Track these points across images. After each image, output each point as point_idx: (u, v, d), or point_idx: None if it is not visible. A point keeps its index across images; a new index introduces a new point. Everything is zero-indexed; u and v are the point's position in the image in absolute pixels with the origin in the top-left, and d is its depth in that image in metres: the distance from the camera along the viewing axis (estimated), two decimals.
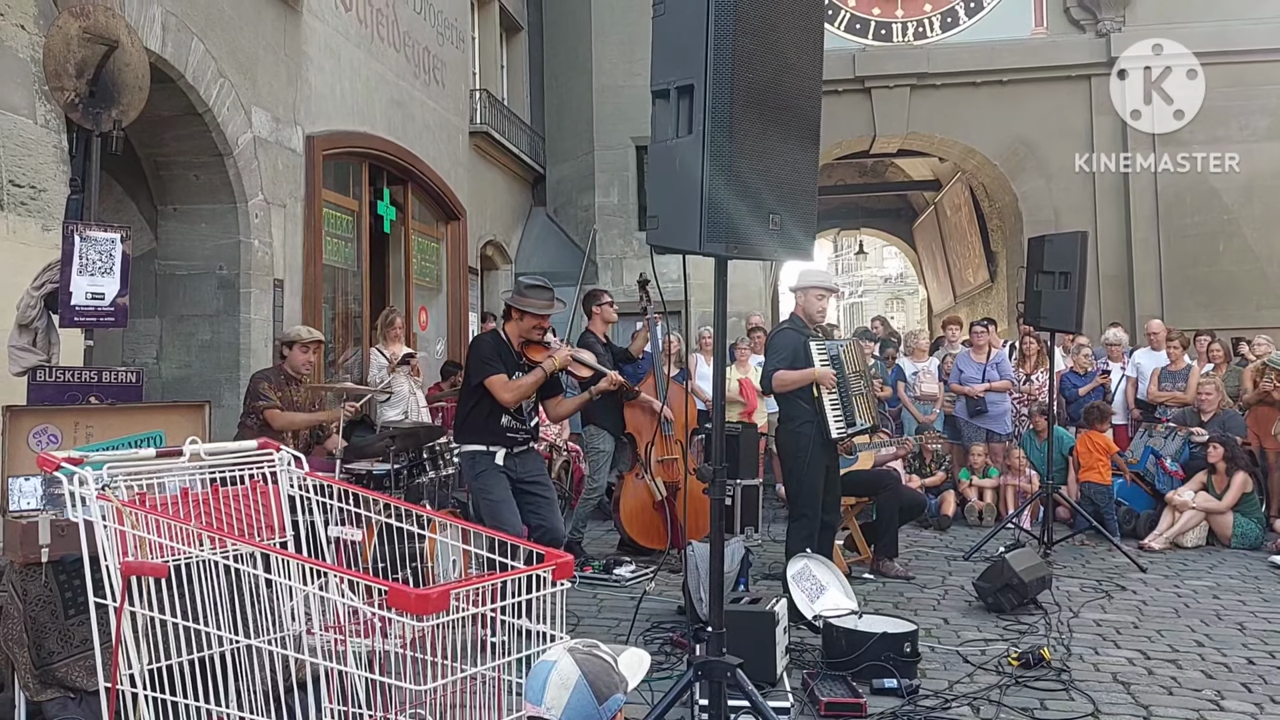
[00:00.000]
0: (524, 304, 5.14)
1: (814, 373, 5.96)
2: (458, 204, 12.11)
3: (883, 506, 7.02)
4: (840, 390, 6.10)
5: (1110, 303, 14.11)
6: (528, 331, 5.15)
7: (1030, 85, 14.58)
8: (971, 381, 9.69)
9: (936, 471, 9.66)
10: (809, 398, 6.03)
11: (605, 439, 7.44)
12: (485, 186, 13.39)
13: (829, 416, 6.01)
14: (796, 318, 6.31)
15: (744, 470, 8.03)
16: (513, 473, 5.14)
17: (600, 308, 7.42)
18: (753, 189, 3.43)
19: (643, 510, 7.38)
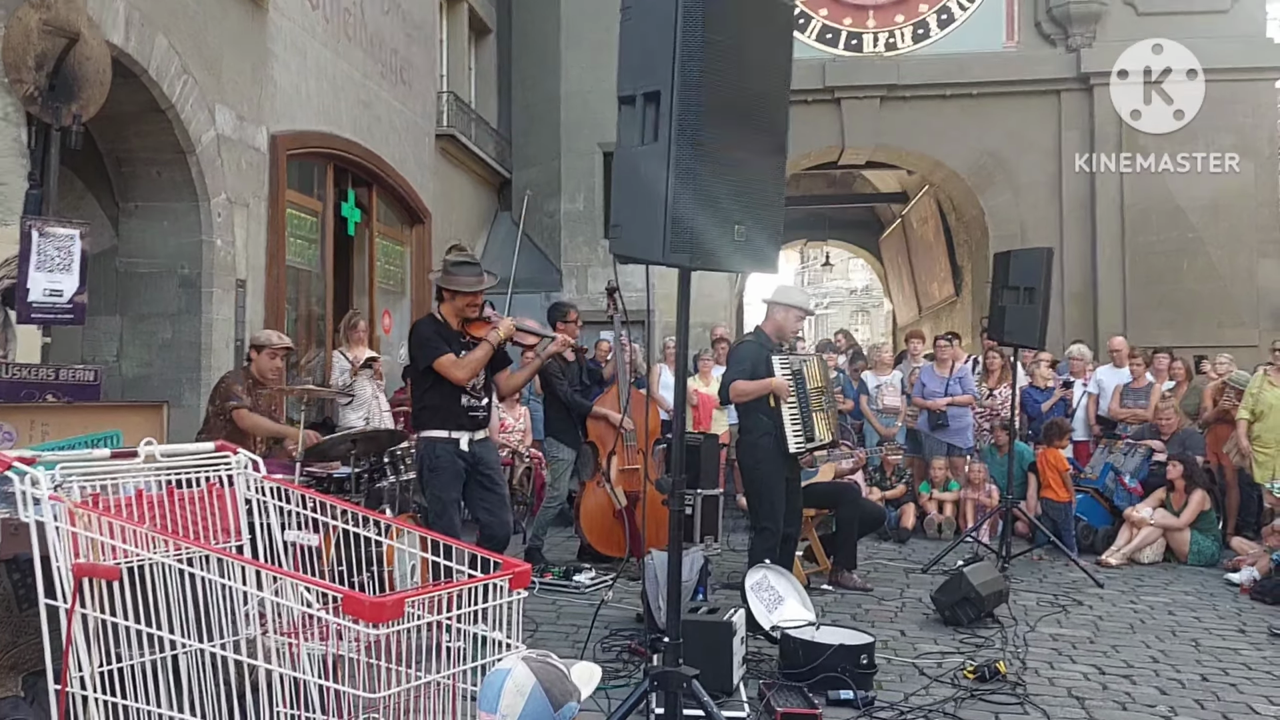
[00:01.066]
0: (452, 283, 5.20)
1: (771, 383, 6.01)
2: (422, 207, 12.08)
3: (842, 518, 7.08)
4: (800, 404, 6.15)
5: (1074, 319, 14.33)
6: (462, 310, 5.20)
7: (1000, 99, 14.78)
8: (934, 395, 9.79)
9: (897, 484, 9.75)
10: (768, 410, 6.08)
11: (565, 451, 7.48)
12: (451, 190, 13.37)
13: (788, 430, 6.06)
14: (763, 332, 6.35)
15: (705, 481, 8.04)
16: (470, 461, 5.16)
17: (565, 325, 7.43)
18: (718, 199, 3.46)
19: (603, 518, 7.40)
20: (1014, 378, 8.16)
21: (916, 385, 10.15)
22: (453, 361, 5.08)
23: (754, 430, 6.12)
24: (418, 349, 5.16)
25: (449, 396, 5.14)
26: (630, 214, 3.45)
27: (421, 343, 5.14)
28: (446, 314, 5.25)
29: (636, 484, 7.46)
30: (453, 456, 5.12)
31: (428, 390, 5.17)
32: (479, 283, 5.22)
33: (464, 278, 5.21)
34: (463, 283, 5.17)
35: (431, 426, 5.17)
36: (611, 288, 7.71)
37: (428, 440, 5.17)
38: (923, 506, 9.60)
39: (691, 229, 3.37)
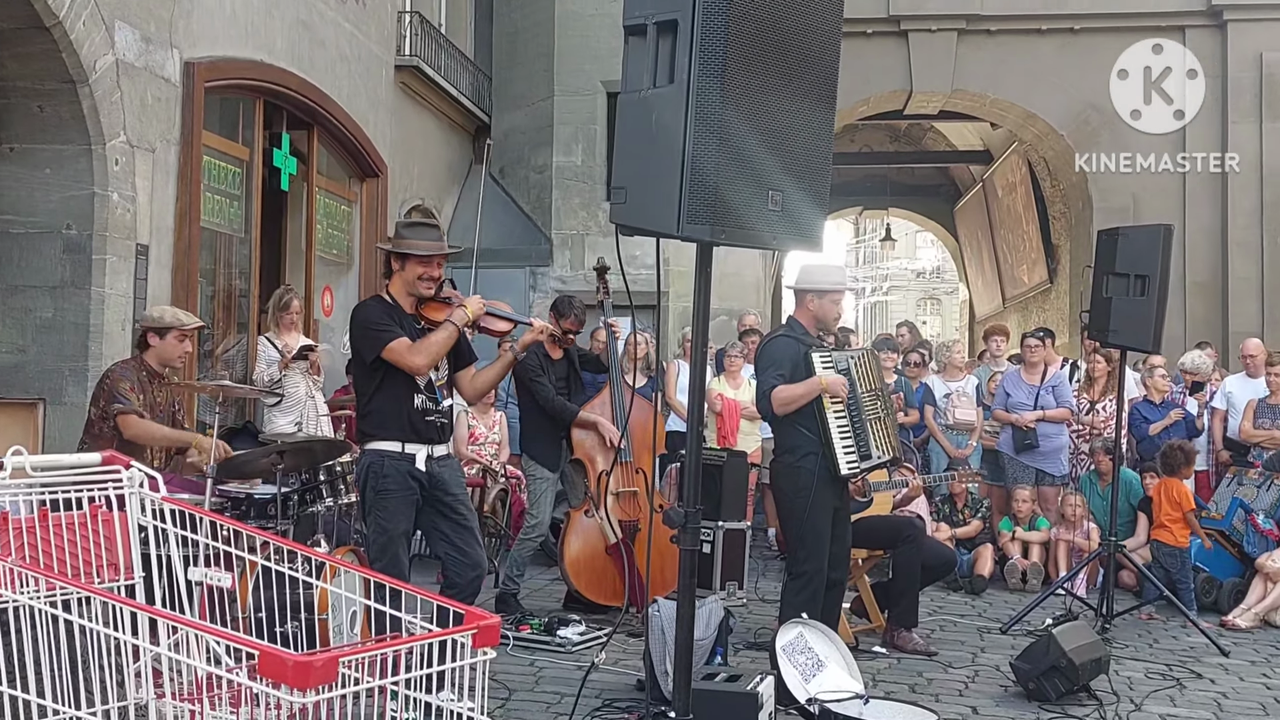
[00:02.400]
0: (402, 245, 5.19)
1: (820, 381, 6.02)
2: (377, 157, 12.07)
3: (901, 562, 7.06)
4: (851, 412, 6.15)
5: (1198, 316, 14.29)
6: (415, 284, 5.19)
7: (1108, 35, 14.73)
8: (1020, 408, 9.75)
9: (971, 520, 9.72)
10: (812, 422, 6.07)
11: (545, 469, 7.48)
12: (414, 136, 13.35)
13: (837, 446, 6.05)
14: (796, 323, 6.35)
15: (727, 511, 8.07)
16: (427, 483, 5.16)
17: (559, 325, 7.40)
18: (748, 156, 3.45)
19: (594, 557, 7.39)
20: (1121, 388, 8.13)
21: (998, 395, 10.11)
22: (408, 346, 5.08)
23: (794, 448, 6.12)
24: (362, 337, 5.14)
25: (400, 397, 5.13)
26: (637, 174, 3.43)
27: (366, 328, 5.12)
28: (397, 293, 5.25)
29: (637, 512, 7.44)
30: (404, 477, 5.10)
31: (375, 391, 5.16)
32: (437, 245, 5.22)
33: (417, 239, 5.20)
34: (415, 245, 5.16)
35: (378, 437, 5.15)
36: (601, 267, 7.73)
37: (373, 455, 5.15)
38: (1003, 549, 9.57)
39: (715, 194, 3.35)
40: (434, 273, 5.21)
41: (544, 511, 7.51)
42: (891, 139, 22.75)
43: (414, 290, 5.21)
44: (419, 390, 5.17)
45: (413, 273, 5.18)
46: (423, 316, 5.25)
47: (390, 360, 5.07)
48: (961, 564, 9.15)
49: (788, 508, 6.17)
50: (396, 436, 5.13)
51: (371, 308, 5.25)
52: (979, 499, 9.85)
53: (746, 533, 8.37)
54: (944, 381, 10.61)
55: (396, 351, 5.06)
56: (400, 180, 12.83)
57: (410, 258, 5.17)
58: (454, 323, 5.18)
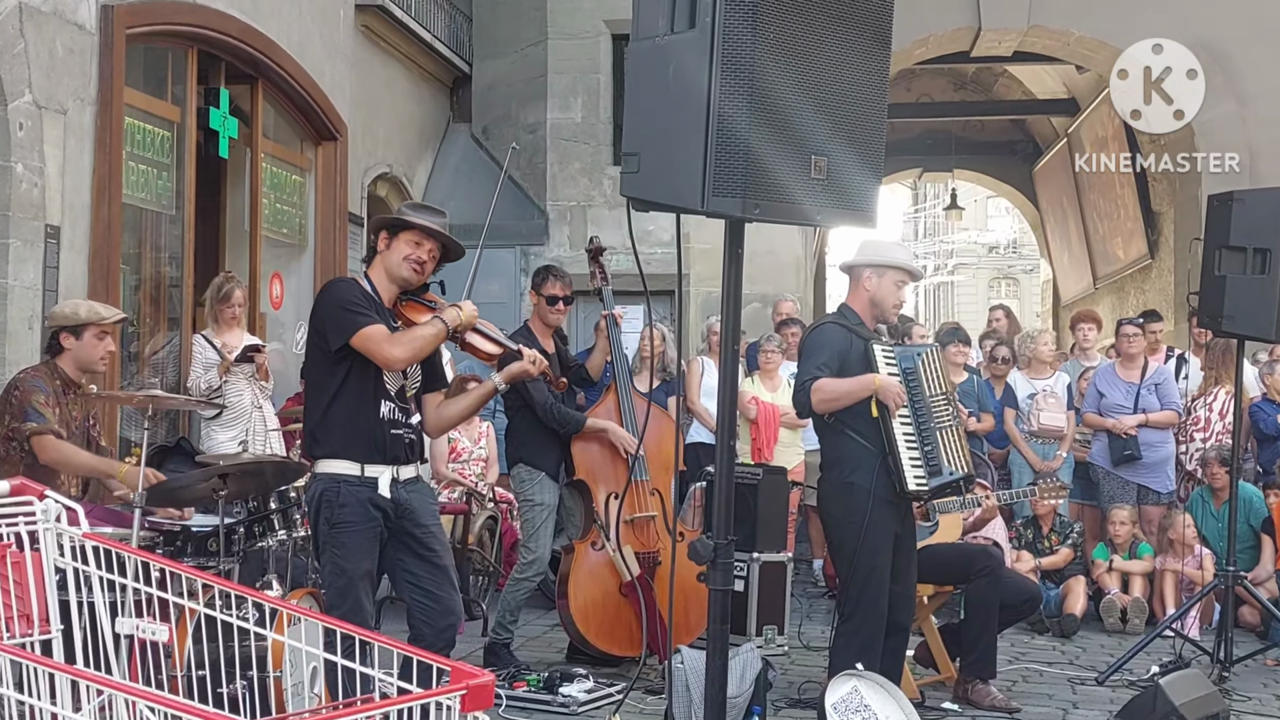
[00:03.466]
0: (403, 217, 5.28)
1: (874, 381, 6.02)
2: (335, 117, 12.07)
3: (975, 600, 7.05)
4: (919, 417, 6.15)
5: None
6: (400, 266, 5.20)
7: None
8: (1117, 410, 9.74)
9: (1059, 547, 9.70)
10: (868, 429, 6.07)
11: (545, 486, 7.46)
12: (379, 91, 13.35)
13: (904, 456, 6.05)
14: (850, 309, 6.36)
15: (764, 540, 8.05)
16: (393, 513, 5.16)
17: (537, 297, 7.43)
18: (787, 114, 3.46)
19: (604, 599, 7.38)
20: (1238, 385, 8.10)
21: (1089, 395, 10.09)
22: (386, 334, 5.07)
23: (844, 460, 6.12)
24: (330, 318, 5.11)
25: (364, 405, 5.12)
26: (653, 137, 3.45)
27: (337, 307, 5.10)
28: (377, 281, 5.26)
29: (656, 542, 7.43)
30: (365, 506, 5.09)
31: (334, 396, 5.14)
32: (443, 224, 5.30)
33: (417, 216, 5.27)
34: (419, 219, 5.25)
35: (333, 455, 5.14)
36: (595, 248, 7.73)
37: (327, 480, 5.13)
38: (1098, 582, 9.56)
39: (748, 160, 3.37)
40: (424, 256, 5.22)
41: (542, 544, 7.49)
42: (956, 86, 22.70)
43: (398, 275, 5.22)
44: (388, 397, 5.17)
45: (400, 251, 5.20)
46: (400, 315, 5.25)
47: (361, 348, 5.05)
48: (1048, 601, 9.14)
49: (838, 535, 6.16)
50: (356, 455, 5.11)
51: (345, 285, 5.27)
52: (1069, 522, 9.83)
53: (788, 566, 8.34)
54: (1027, 379, 10.59)
55: (371, 338, 5.04)
56: (363, 144, 12.83)
57: (403, 231, 5.21)
58: (443, 319, 5.18)
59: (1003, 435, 10.37)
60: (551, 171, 14.48)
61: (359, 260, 12.51)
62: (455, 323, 5.20)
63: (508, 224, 14.27)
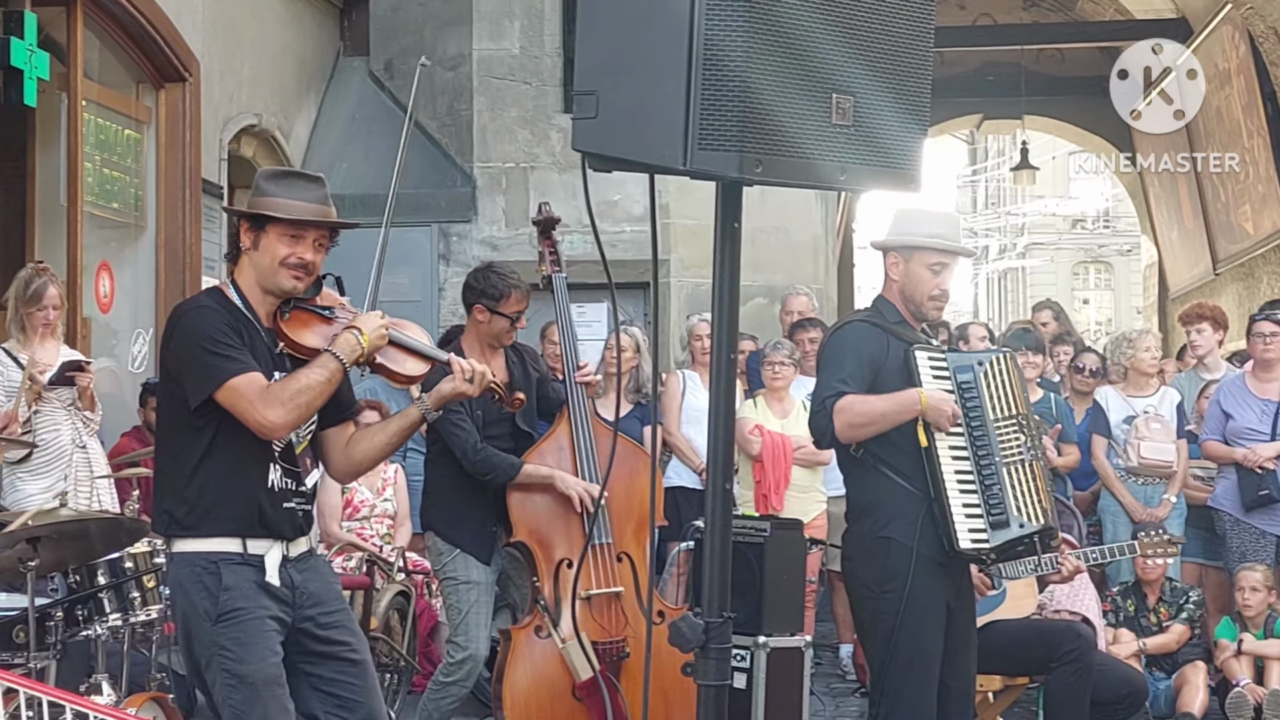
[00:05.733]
0: (267, 205, 5.10)
1: (918, 397, 6.01)
2: (184, 50, 12.04)
3: (1059, 695, 7.08)
4: (976, 450, 6.16)
5: None
6: (275, 274, 5.09)
7: None
8: (1249, 437, 9.77)
9: (1171, 623, 9.71)
10: (911, 465, 6.09)
11: (469, 562, 7.43)
12: (243, 16, 13.33)
13: (954, 507, 6.06)
14: (886, 303, 6.38)
15: (773, 618, 8.06)
16: (288, 600, 5.14)
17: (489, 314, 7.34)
18: (798, 38, 3.48)
19: (553, 703, 7.36)
20: None
21: (1211, 416, 10.10)
22: (261, 389, 4.99)
23: (879, 508, 6.15)
24: (187, 362, 5.05)
25: (239, 472, 5.07)
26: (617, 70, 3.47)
27: (195, 347, 5.02)
28: (246, 288, 5.19)
29: (624, 627, 7.43)
30: (258, 591, 5.06)
31: (201, 457, 5.09)
32: (321, 208, 5.16)
33: (285, 196, 5.14)
34: (279, 205, 5.12)
35: (202, 532, 5.10)
36: (546, 218, 7.68)
37: (197, 562, 5.08)
38: (1224, 669, 9.57)
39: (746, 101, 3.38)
40: (306, 254, 5.10)
41: (476, 636, 7.43)
42: (1027, 5, 22.80)
43: (272, 285, 5.12)
44: (274, 459, 5.13)
45: (272, 253, 5.07)
46: (283, 335, 5.17)
47: (228, 407, 4.99)
48: (1156, 696, 9.16)
49: (871, 608, 6.17)
50: (233, 530, 5.07)
51: (204, 313, 5.09)
52: (1183, 588, 9.83)
53: (805, 654, 8.35)
54: (1123, 397, 10.59)
55: (241, 394, 4.93)
56: (222, 86, 12.79)
57: (270, 225, 5.09)
58: (337, 356, 5.07)
59: (1090, 472, 10.38)
60: (480, 122, 14.43)
61: (214, 244, 12.51)
62: (353, 354, 5.08)
63: (422, 194, 14.20)
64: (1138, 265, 38.68)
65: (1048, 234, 54.21)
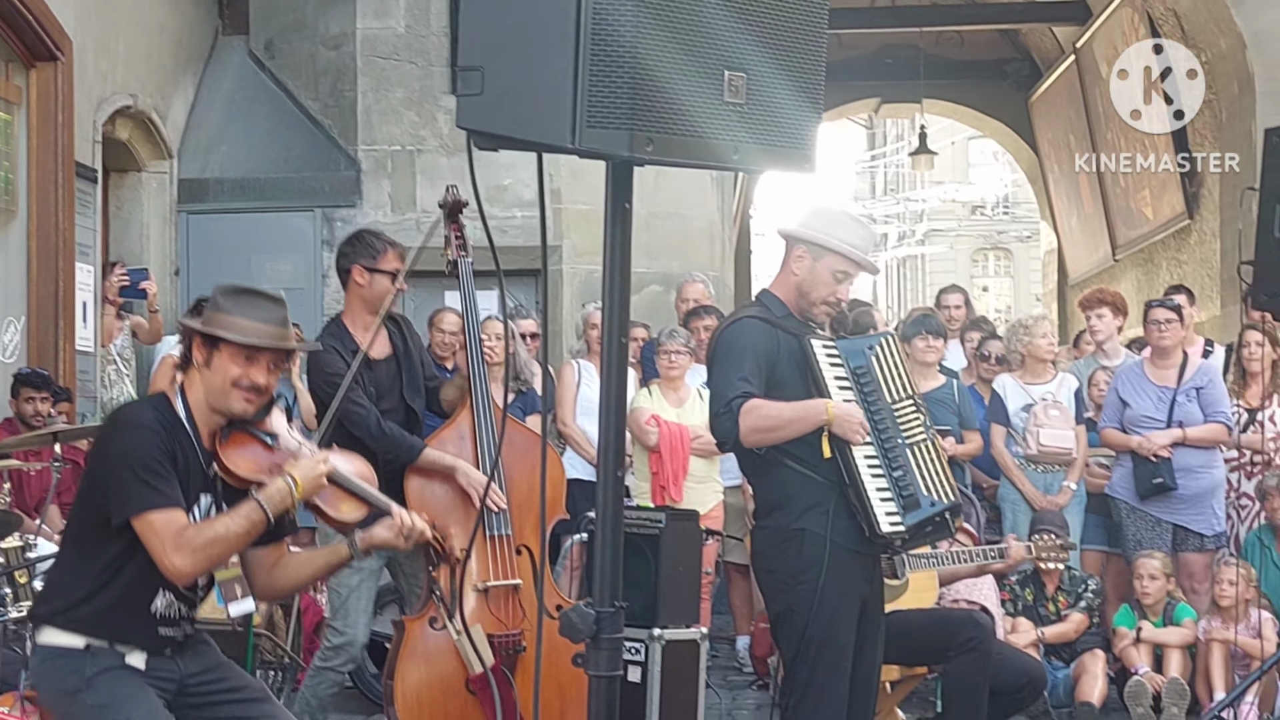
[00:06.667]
0: (218, 323, 5.04)
1: (825, 409, 6.03)
2: (54, 29, 11.92)
3: (958, 685, 7.13)
4: (880, 435, 6.20)
5: None
6: (226, 395, 5.04)
7: None
8: (1145, 424, 9.86)
9: (1069, 611, 9.80)
10: (818, 457, 6.11)
11: None
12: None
13: (870, 491, 6.10)
14: (772, 297, 6.40)
15: (669, 611, 8.08)
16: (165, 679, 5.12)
17: (368, 274, 7.32)
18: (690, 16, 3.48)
19: (445, 697, 7.34)
20: None
21: (1108, 404, 10.21)
22: (176, 533, 4.90)
23: (790, 502, 6.17)
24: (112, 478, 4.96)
25: (133, 591, 5.04)
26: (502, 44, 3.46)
27: (124, 468, 4.95)
28: (194, 402, 5.13)
29: (519, 619, 7.44)
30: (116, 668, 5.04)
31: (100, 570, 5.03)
32: (278, 333, 5.11)
33: (243, 318, 5.07)
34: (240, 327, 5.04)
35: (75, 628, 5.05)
36: (454, 201, 7.65)
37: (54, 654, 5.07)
38: (1122, 658, 9.66)
39: (636, 78, 3.39)
40: (259, 378, 5.04)
41: (356, 624, 7.43)
42: None
43: (222, 405, 5.07)
44: (169, 586, 5.09)
45: (224, 373, 5.02)
46: (219, 460, 5.10)
47: (141, 538, 4.92)
48: (1054, 685, 9.24)
49: (786, 601, 6.18)
50: (102, 635, 5.03)
51: (144, 434, 5.01)
52: (1081, 577, 9.93)
53: (702, 646, 8.37)
54: (1021, 385, 10.67)
55: (156, 531, 4.87)
56: (96, 66, 12.67)
57: (223, 346, 5.04)
58: (264, 505, 4.98)
59: (988, 460, 10.48)
60: (364, 104, 14.33)
61: (88, 229, 12.39)
62: (282, 505, 5.03)
63: (304, 178, 14.11)
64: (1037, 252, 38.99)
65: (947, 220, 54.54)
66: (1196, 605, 9.72)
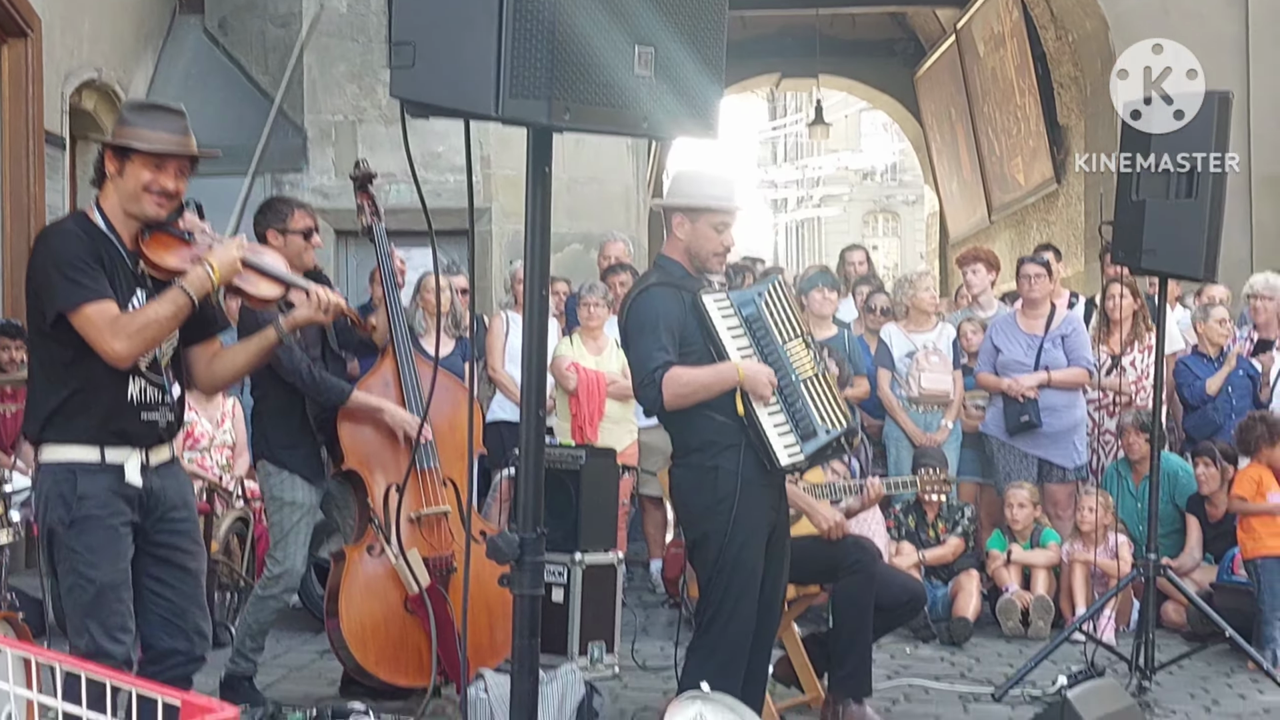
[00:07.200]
0: (123, 135, 5.07)
1: (735, 371, 6.04)
2: (24, 7, 11.75)
3: (846, 603, 7.13)
4: (777, 375, 6.18)
5: (1270, 228, 14.60)
6: (139, 200, 5.04)
7: None
8: (1015, 368, 9.92)
9: (947, 536, 9.88)
10: (724, 400, 6.12)
11: (296, 484, 7.37)
12: None
13: (769, 431, 6.11)
14: (670, 261, 6.37)
15: (589, 537, 8.13)
16: (147, 503, 5.10)
17: (281, 236, 7.22)
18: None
19: (386, 616, 7.32)
20: (1160, 335, 8.29)
21: (983, 351, 10.27)
22: (112, 319, 4.91)
23: (707, 446, 6.17)
24: (45, 283, 4.97)
25: (105, 383, 5.01)
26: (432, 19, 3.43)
27: (53, 269, 4.96)
28: (111, 212, 5.11)
29: (450, 544, 7.42)
30: (112, 498, 5.01)
31: (64, 369, 5.03)
32: (180, 140, 5.09)
33: (149, 129, 5.06)
34: (147, 136, 5.04)
35: (63, 440, 5.05)
36: (361, 174, 7.62)
37: (58, 471, 5.03)
38: (994, 577, 9.74)
39: (554, 51, 3.37)
40: (169, 183, 5.04)
41: (294, 553, 7.35)
42: None
43: (136, 210, 5.06)
44: (137, 372, 5.07)
45: (136, 179, 5.02)
46: (144, 256, 5.10)
47: (80, 332, 4.93)
48: (933, 602, 9.30)
49: (702, 530, 6.20)
50: (91, 438, 5.03)
51: (66, 237, 5.04)
52: (958, 506, 10.03)
53: (618, 569, 8.40)
54: (905, 334, 10.74)
55: (92, 322, 4.90)
56: (62, 42, 12.51)
57: (133, 156, 5.03)
58: (187, 290, 5.01)
59: (875, 403, 10.52)
60: (310, 77, 14.20)
61: (56, 192, 12.26)
62: (203, 287, 5.04)
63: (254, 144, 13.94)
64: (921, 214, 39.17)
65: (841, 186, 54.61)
66: (1060, 530, 9.82)
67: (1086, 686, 6.46)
